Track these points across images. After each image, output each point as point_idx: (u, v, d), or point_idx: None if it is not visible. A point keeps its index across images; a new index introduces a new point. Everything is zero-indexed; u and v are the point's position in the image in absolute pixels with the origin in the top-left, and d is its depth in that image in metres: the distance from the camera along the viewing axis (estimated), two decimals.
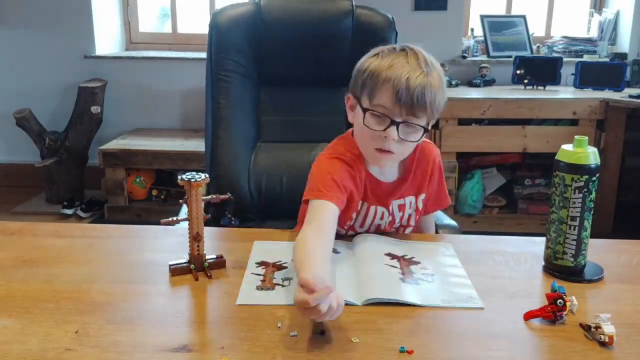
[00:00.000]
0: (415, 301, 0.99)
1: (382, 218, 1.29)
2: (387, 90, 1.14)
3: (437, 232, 1.45)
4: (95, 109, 3.52)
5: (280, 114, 1.68)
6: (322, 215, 1.14)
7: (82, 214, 3.43)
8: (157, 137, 3.59)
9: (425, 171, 1.31)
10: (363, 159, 1.25)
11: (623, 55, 3.53)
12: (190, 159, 3.30)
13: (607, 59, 3.54)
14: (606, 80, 3.32)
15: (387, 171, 1.28)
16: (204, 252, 1.09)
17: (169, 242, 1.23)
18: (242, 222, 1.39)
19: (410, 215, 1.32)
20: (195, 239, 1.07)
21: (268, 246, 1.21)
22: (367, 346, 0.85)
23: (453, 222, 1.52)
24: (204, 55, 4.05)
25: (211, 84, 1.63)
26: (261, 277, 1.07)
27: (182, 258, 1.10)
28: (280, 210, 1.58)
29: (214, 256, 1.11)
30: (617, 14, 3.65)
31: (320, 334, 0.88)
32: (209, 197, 1.09)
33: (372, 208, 1.28)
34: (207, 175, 1.05)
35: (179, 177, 1.05)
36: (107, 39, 3.82)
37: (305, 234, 1.08)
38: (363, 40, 1.60)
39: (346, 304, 0.92)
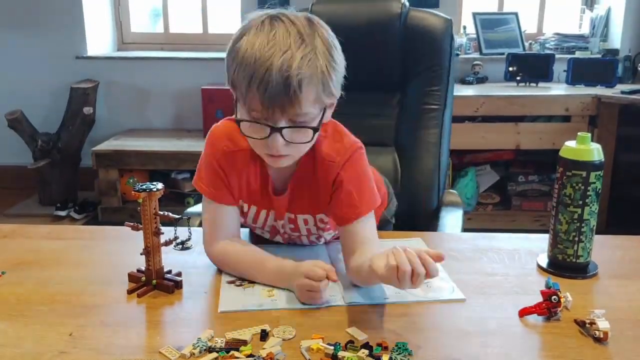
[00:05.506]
0: (396, 299, 0.99)
1: (274, 219, 1.15)
2: (255, 93, 0.93)
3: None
4: (87, 109, 3.51)
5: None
6: (229, 223, 1.12)
7: (76, 216, 3.41)
8: (150, 137, 3.58)
9: (326, 186, 1.08)
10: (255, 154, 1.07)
11: (615, 52, 3.55)
12: (184, 159, 3.29)
13: (599, 55, 3.55)
14: (598, 77, 3.33)
15: (279, 178, 1.11)
16: (162, 266, 1.04)
17: None
18: None
19: (309, 230, 1.16)
20: (146, 252, 1.02)
21: None
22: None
23: (458, 231, 1.44)
24: (196, 55, 4.05)
25: None
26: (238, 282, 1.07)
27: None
28: None
29: (169, 276, 1.04)
30: (609, 10, 3.66)
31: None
32: (162, 212, 1.01)
33: (263, 212, 1.14)
34: (163, 186, 1.01)
35: (135, 188, 1.00)
36: (98, 39, 3.80)
37: (235, 247, 1.10)
38: (414, 43, 1.59)
39: (333, 306, 0.98)
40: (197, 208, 1.53)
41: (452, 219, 1.52)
